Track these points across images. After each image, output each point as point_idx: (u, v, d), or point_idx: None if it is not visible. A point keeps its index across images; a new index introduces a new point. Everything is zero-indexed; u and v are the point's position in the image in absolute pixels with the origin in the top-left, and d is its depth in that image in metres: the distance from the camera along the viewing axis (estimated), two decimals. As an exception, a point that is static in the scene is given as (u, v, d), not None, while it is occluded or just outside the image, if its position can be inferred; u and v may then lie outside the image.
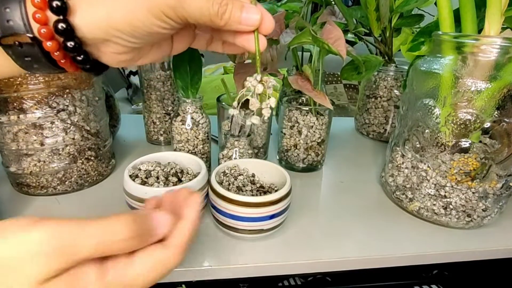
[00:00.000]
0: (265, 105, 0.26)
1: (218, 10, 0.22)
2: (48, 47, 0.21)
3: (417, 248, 0.37)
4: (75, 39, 0.22)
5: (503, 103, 0.32)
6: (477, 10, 0.35)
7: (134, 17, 0.21)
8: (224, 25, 0.23)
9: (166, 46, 0.28)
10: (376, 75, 0.62)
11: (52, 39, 0.21)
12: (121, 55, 0.24)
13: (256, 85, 0.25)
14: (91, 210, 0.40)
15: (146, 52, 0.27)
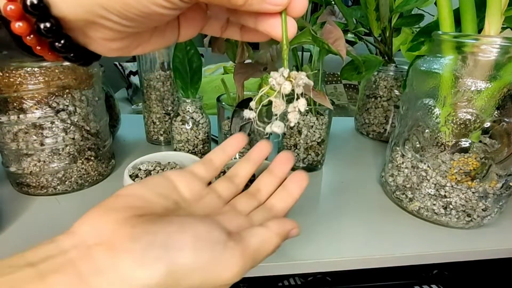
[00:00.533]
0: (292, 108, 0.20)
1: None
2: (17, 29, 0.17)
3: (417, 248, 0.37)
4: (51, 19, 0.17)
5: (503, 102, 0.32)
6: (477, 10, 0.35)
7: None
8: (243, 3, 0.18)
9: (171, 32, 0.23)
10: (376, 75, 0.62)
11: (22, 19, 0.17)
12: (113, 42, 0.20)
13: (283, 83, 0.20)
14: (91, 210, 0.40)
15: (146, 39, 0.22)
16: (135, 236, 0.17)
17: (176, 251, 0.17)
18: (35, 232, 0.36)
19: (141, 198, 0.20)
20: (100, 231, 0.18)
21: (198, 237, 0.18)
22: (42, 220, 0.38)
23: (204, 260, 0.17)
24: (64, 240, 0.18)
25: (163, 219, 0.18)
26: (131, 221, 0.18)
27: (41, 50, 0.19)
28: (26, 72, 0.36)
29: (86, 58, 0.21)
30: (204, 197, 0.24)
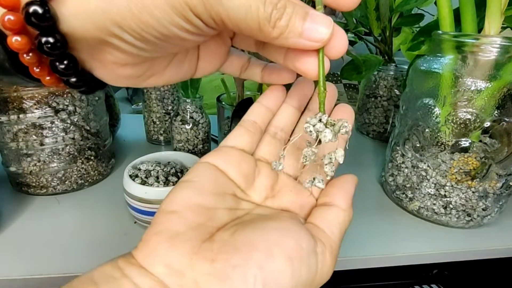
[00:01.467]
0: (328, 160, 0.18)
1: (271, 12, 0.15)
2: (14, 44, 0.14)
3: (417, 248, 0.37)
4: (56, 34, 0.14)
5: (503, 102, 0.32)
6: (477, 10, 0.35)
7: (144, 9, 0.14)
8: (278, 36, 0.16)
9: (189, 65, 0.20)
10: (376, 74, 0.62)
11: (22, 33, 0.14)
12: (124, 68, 0.17)
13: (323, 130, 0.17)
14: (91, 210, 0.40)
15: (161, 69, 0.19)
16: (221, 275, 0.15)
17: (275, 282, 0.15)
18: (35, 232, 0.36)
19: (200, 209, 0.17)
20: (177, 271, 0.15)
21: (291, 257, 0.16)
22: (42, 220, 0.38)
23: (303, 280, 0.16)
24: (138, 277, 0.15)
25: (238, 241, 0.16)
26: (205, 252, 0.16)
27: (40, 72, 0.16)
28: None
29: (89, 85, 0.18)
30: (258, 176, 0.21)
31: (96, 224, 0.37)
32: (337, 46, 0.17)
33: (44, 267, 0.31)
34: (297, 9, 0.16)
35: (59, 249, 0.33)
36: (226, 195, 0.19)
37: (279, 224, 0.17)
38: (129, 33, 0.15)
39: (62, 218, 0.38)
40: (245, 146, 0.21)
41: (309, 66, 0.17)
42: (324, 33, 0.16)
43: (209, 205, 0.18)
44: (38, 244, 0.34)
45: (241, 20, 0.15)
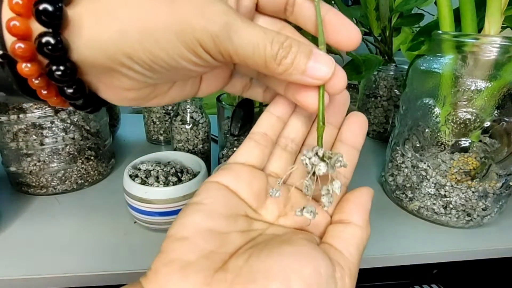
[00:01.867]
0: (325, 191, 0.18)
1: (277, 51, 0.16)
2: (24, 71, 0.14)
3: (417, 248, 0.37)
4: (67, 63, 0.15)
5: (503, 102, 0.32)
6: (477, 10, 0.35)
7: (155, 43, 0.15)
8: (282, 72, 0.16)
9: (192, 86, 0.21)
10: (376, 74, 0.62)
11: (32, 61, 0.14)
12: (129, 91, 0.17)
13: (318, 164, 0.17)
14: (91, 210, 0.40)
15: (164, 91, 0.19)
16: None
17: None
18: (35, 232, 0.36)
19: (212, 235, 0.17)
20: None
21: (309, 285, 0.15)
22: (42, 220, 0.38)
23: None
24: None
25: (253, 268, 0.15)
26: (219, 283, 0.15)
27: (47, 94, 0.16)
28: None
29: (94, 105, 0.18)
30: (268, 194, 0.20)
31: (96, 224, 0.37)
32: (336, 84, 0.17)
33: (44, 267, 0.31)
34: (302, 48, 0.16)
35: (59, 249, 0.33)
36: (238, 217, 0.18)
37: (295, 249, 0.16)
38: (139, 63, 0.15)
39: (62, 218, 0.38)
40: (255, 162, 0.20)
41: (310, 100, 0.18)
42: (326, 72, 0.17)
43: (221, 229, 0.17)
44: (38, 244, 0.34)
45: (248, 57, 0.16)
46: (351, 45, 0.18)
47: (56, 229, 0.36)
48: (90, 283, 0.31)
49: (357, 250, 0.18)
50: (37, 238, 0.35)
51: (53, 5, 0.13)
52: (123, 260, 0.32)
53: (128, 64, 0.15)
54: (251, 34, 0.15)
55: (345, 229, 0.18)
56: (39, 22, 0.14)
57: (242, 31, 0.15)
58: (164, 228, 0.36)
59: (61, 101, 0.17)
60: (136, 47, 0.15)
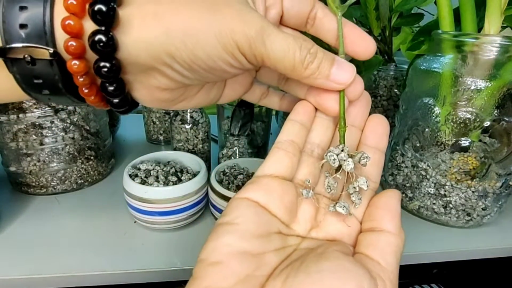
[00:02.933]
0: (352, 189, 0.18)
1: (305, 57, 0.17)
2: (72, 67, 0.15)
3: (416, 247, 0.37)
4: (114, 60, 0.16)
5: (503, 102, 0.32)
6: (477, 9, 0.35)
7: (197, 44, 0.16)
8: (308, 76, 0.18)
9: (216, 92, 0.22)
10: (376, 74, 0.62)
11: (81, 58, 0.15)
12: (164, 91, 0.18)
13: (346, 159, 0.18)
14: (90, 210, 0.40)
15: (192, 94, 0.20)
16: None
17: None
18: (35, 232, 0.36)
19: (246, 257, 0.16)
20: None
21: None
22: (41, 219, 0.38)
23: None
24: None
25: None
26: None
27: (88, 92, 0.17)
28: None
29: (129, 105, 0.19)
30: (300, 206, 0.19)
31: (96, 224, 0.37)
32: (356, 89, 0.19)
33: (44, 266, 0.31)
34: (327, 55, 0.18)
35: (58, 249, 0.33)
36: (271, 235, 0.18)
37: (334, 265, 0.16)
38: (180, 63, 0.16)
39: (62, 218, 0.38)
40: (285, 172, 0.19)
41: (331, 103, 0.19)
42: (347, 77, 0.18)
43: (256, 250, 0.17)
44: (37, 244, 0.34)
45: (279, 61, 0.17)
46: (368, 55, 0.20)
47: (56, 229, 0.36)
48: (90, 283, 0.31)
49: (395, 258, 0.18)
50: (37, 238, 0.35)
51: (106, 6, 0.14)
52: (123, 260, 0.32)
53: (170, 63, 0.16)
54: (283, 39, 0.17)
55: (379, 237, 0.18)
56: (94, 21, 0.15)
57: (274, 37, 0.16)
58: (164, 227, 0.36)
59: (98, 100, 0.18)
60: (179, 47, 0.16)
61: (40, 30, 0.15)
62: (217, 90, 0.22)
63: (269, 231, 0.18)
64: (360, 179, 0.18)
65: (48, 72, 0.16)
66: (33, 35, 0.15)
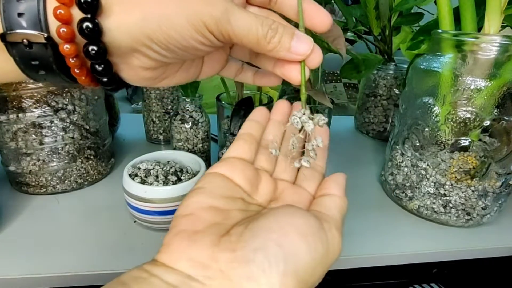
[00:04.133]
0: (310, 146, 0.22)
1: (267, 32, 0.19)
2: (64, 50, 0.18)
3: (416, 247, 0.37)
4: (100, 43, 0.18)
5: (503, 101, 0.32)
6: (477, 8, 0.35)
7: (170, 26, 0.18)
8: (271, 50, 0.20)
9: (195, 69, 0.25)
10: (376, 73, 0.62)
11: (72, 42, 0.18)
12: (147, 71, 0.21)
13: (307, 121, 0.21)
14: (90, 209, 0.40)
15: (173, 72, 0.23)
16: (244, 259, 0.16)
17: (295, 257, 0.16)
18: (35, 232, 0.36)
19: (214, 211, 0.19)
20: (201, 264, 0.16)
21: (304, 233, 0.17)
22: (41, 219, 0.38)
23: (320, 254, 0.18)
24: (165, 274, 0.16)
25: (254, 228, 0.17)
26: (225, 244, 0.17)
27: (79, 73, 0.19)
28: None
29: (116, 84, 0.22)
30: (260, 182, 0.23)
31: (95, 224, 0.37)
32: (315, 58, 0.21)
33: (44, 266, 0.31)
34: (287, 30, 0.20)
35: (58, 249, 0.33)
36: (235, 199, 0.21)
37: (286, 210, 0.19)
38: (157, 44, 0.19)
39: (62, 218, 0.38)
40: (245, 156, 0.23)
41: (294, 73, 0.22)
42: (306, 49, 0.21)
43: (222, 206, 0.20)
44: (37, 243, 0.34)
45: (244, 36, 0.19)
46: (324, 27, 0.22)
47: (56, 229, 0.36)
48: (90, 282, 0.31)
49: (339, 213, 0.21)
50: (37, 237, 0.35)
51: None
52: (123, 259, 0.32)
53: (149, 44, 0.19)
54: (245, 17, 0.19)
55: (327, 198, 0.22)
56: (80, 9, 0.17)
57: (238, 16, 0.19)
58: (164, 227, 0.36)
59: (89, 80, 0.20)
60: (155, 30, 0.18)
61: (36, 18, 0.17)
62: (195, 68, 0.25)
63: (233, 196, 0.21)
64: (318, 138, 0.21)
65: (44, 54, 0.18)
66: (30, 22, 0.17)
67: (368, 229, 0.39)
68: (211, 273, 0.16)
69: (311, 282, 0.17)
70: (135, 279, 0.16)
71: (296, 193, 0.23)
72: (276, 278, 0.16)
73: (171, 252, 0.17)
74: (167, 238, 0.18)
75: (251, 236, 0.17)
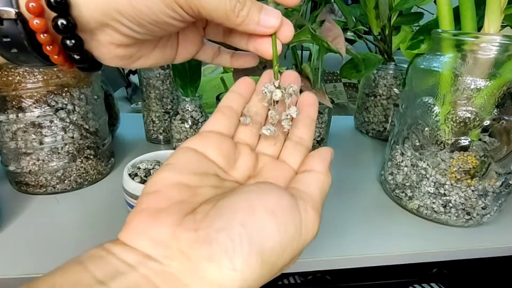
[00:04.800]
0: (284, 116, 0.22)
1: (235, 6, 0.20)
2: (34, 25, 0.18)
3: (416, 246, 0.37)
4: (69, 17, 0.18)
5: (503, 101, 0.32)
6: (477, 8, 0.35)
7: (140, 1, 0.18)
8: (240, 23, 0.20)
9: (170, 50, 0.25)
10: (376, 73, 0.62)
11: (41, 16, 0.18)
12: (119, 48, 0.21)
13: (274, 91, 0.21)
14: (90, 209, 0.40)
15: (148, 51, 0.23)
16: (206, 240, 0.15)
17: (261, 238, 0.16)
18: (34, 231, 0.36)
19: (182, 187, 0.18)
20: (161, 243, 0.16)
21: (273, 212, 0.16)
22: (41, 219, 0.38)
23: (290, 235, 0.17)
24: (123, 253, 0.16)
25: (220, 207, 0.17)
26: (188, 224, 0.16)
27: (51, 50, 0.19)
28: (25, 71, 0.36)
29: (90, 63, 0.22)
30: (239, 157, 0.22)
31: (95, 223, 0.37)
32: (285, 32, 0.22)
33: (43, 266, 0.31)
34: (255, 4, 0.20)
35: (58, 249, 0.33)
36: (208, 175, 0.20)
37: (259, 186, 0.18)
38: (127, 18, 0.19)
39: (61, 218, 0.38)
40: (222, 130, 0.22)
41: (266, 47, 0.22)
42: (275, 22, 0.21)
43: (191, 183, 0.19)
44: (37, 243, 0.34)
45: (212, 10, 0.19)
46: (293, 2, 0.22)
47: (56, 228, 0.36)
48: (90, 282, 0.31)
49: (319, 191, 0.20)
50: (37, 237, 0.35)
51: None
52: (123, 259, 0.32)
53: (119, 19, 0.19)
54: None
55: (308, 175, 0.21)
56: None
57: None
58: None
59: (62, 59, 0.20)
60: (125, 4, 0.18)
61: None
62: (171, 48, 0.25)
63: (205, 172, 0.20)
64: (292, 108, 0.22)
65: (14, 30, 0.18)
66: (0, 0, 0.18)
67: (368, 228, 0.39)
68: (171, 253, 0.15)
69: (279, 264, 0.17)
70: (92, 257, 0.16)
71: (278, 169, 0.22)
72: (240, 259, 0.15)
73: (132, 230, 0.17)
74: (130, 216, 0.18)
75: (216, 215, 0.16)
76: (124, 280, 0.15)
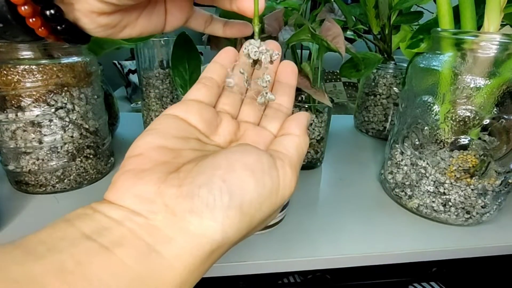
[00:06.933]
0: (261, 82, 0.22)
1: None
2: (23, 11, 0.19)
3: (416, 245, 0.37)
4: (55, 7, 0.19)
5: (502, 100, 0.32)
6: (477, 7, 0.35)
7: None
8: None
9: (157, 17, 0.25)
10: (375, 72, 0.62)
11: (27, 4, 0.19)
12: (101, 16, 0.21)
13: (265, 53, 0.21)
14: (90, 208, 0.40)
15: (133, 19, 0.23)
16: (189, 194, 0.16)
17: (240, 192, 0.17)
18: (34, 231, 0.36)
19: (164, 150, 0.19)
20: (147, 199, 0.16)
21: (252, 169, 0.17)
22: (41, 218, 0.38)
23: (268, 189, 0.18)
24: (109, 210, 0.17)
25: (202, 165, 0.17)
26: (172, 181, 0.17)
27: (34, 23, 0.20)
28: (24, 70, 0.35)
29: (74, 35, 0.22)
30: (220, 124, 0.22)
31: (95, 223, 0.37)
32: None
33: (43, 265, 0.31)
34: None
35: (58, 248, 0.33)
36: (190, 140, 0.20)
37: (239, 148, 0.19)
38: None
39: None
40: (204, 99, 0.23)
41: (248, 4, 0.23)
42: None
43: (174, 146, 0.19)
44: (37, 242, 0.34)
45: None
46: None
47: (55, 228, 0.36)
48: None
49: (296, 151, 0.21)
50: (36, 236, 0.35)
51: None
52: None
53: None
54: None
55: (285, 138, 0.22)
56: None
57: None
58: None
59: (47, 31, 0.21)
60: None
61: None
62: (157, 16, 0.24)
63: (187, 136, 0.20)
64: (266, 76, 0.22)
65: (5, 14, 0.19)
66: None
67: (367, 227, 0.39)
68: (155, 208, 0.16)
69: (258, 217, 0.17)
70: (79, 215, 0.17)
71: (258, 134, 0.23)
72: (220, 211, 0.16)
73: (117, 189, 0.17)
74: (115, 177, 0.18)
75: (198, 172, 0.17)
76: (110, 234, 0.15)
